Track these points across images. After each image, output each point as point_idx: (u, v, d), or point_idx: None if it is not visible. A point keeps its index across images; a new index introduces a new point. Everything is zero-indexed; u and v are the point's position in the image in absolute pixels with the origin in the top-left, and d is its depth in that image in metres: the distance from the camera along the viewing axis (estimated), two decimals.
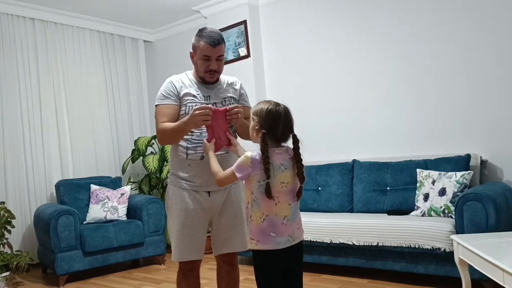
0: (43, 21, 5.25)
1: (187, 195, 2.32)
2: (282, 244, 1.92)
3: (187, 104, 2.34)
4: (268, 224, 1.91)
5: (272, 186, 1.88)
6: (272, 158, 1.89)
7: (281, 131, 1.93)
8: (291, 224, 1.95)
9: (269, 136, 1.92)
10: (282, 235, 1.92)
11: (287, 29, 5.05)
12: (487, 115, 3.81)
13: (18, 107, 4.99)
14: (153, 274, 4.43)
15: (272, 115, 1.93)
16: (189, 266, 2.36)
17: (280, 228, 1.92)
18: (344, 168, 4.29)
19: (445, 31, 4.00)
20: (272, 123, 1.93)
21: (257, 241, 1.92)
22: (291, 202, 1.95)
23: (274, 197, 1.89)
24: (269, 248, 1.91)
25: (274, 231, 1.91)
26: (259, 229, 1.92)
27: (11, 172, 4.86)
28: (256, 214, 1.92)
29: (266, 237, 1.91)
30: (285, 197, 1.93)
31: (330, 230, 3.68)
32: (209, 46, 2.26)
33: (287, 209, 1.93)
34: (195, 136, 2.30)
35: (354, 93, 4.56)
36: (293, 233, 1.96)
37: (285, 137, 1.96)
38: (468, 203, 3.05)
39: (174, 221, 2.35)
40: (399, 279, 3.53)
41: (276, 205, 1.91)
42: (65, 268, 4.17)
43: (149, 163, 5.34)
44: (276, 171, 1.89)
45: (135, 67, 6.27)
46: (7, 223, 4.27)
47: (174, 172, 2.38)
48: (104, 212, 4.69)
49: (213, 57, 2.29)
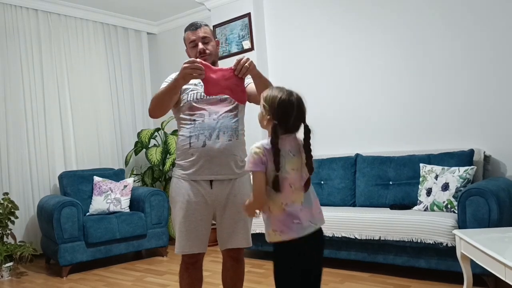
0: (46, 12, 5.24)
1: (189, 187, 2.30)
2: (306, 230, 1.85)
3: (189, 92, 2.36)
4: (291, 211, 1.85)
5: (286, 173, 1.84)
6: (283, 145, 1.84)
7: (293, 122, 1.87)
8: (309, 209, 1.89)
9: (280, 127, 1.85)
10: (304, 221, 1.86)
11: (291, 22, 5.03)
12: (491, 110, 3.79)
13: (21, 99, 4.99)
14: (155, 266, 4.45)
15: (285, 106, 1.85)
16: (191, 260, 2.35)
17: (300, 214, 1.85)
18: (347, 162, 4.29)
19: (449, 25, 3.97)
20: (284, 114, 1.85)
21: (280, 231, 1.84)
22: (304, 188, 1.90)
23: (291, 184, 1.85)
24: (295, 236, 1.83)
25: (297, 218, 1.84)
26: (282, 219, 1.84)
27: (14, 163, 4.88)
28: (276, 204, 1.85)
29: (291, 224, 1.84)
30: (298, 183, 1.88)
31: (333, 224, 3.68)
32: (190, 31, 2.43)
33: (301, 194, 1.88)
34: (198, 124, 2.29)
35: (357, 87, 4.55)
36: (313, 217, 1.89)
37: (297, 127, 1.89)
38: (471, 198, 3.05)
39: (176, 213, 2.34)
40: (401, 273, 3.53)
41: (293, 193, 1.86)
42: (68, 259, 4.19)
43: (152, 155, 5.35)
44: (287, 158, 1.85)
45: (139, 59, 6.27)
46: (11, 214, 4.30)
47: (178, 163, 2.38)
48: (107, 203, 4.71)
49: (197, 40, 2.40)
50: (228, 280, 2.50)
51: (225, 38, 5.28)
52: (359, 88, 4.54)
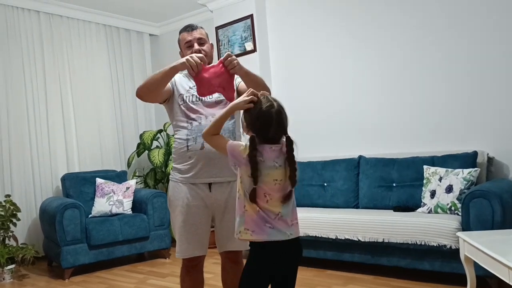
0: (49, 14, 5.24)
1: (188, 191, 2.30)
2: (278, 236, 1.84)
3: (184, 97, 2.36)
4: (264, 215, 1.84)
5: (265, 184, 1.82)
6: (267, 156, 1.82)
7: (272, 133, 1.83)
8: (286, 220, 1.87)
9: (260, 139, 1.84)
10: (278, 227, 1.84)
11: (293, 23, 5.02)
12: (495, 112, 3.77)
13: (23, 101, 4.99)
14: (158, 268, 4.44)
15: (263, 117, 1.83)
16: (192, 263, 2.35)
17: (274, 222, 1.84)
18: (350, 164, 4.27)
19: (452, 28, 3.96)
20: (262, 126, 1.83)
21: (252, 231, 1.84)
22: (284, 200, 1.87)
23: (266, 194, 1.83)
24: (265, 239, 1.83)
25: (269, 223, 1.84)
26: (256, 219, 1.84)
27: (16, 165, 4.88)
28: (252, 206, 1.85)
29: (263, 226, 1.83)
30: (278, 195, 1.85)
31: (336, 226, 3.67)
32: (186, 32, 2.47)
33: (279, 206, 1.86)
34: (195, 126, 2.29)
35: (361, 88, 4.53)
36: (288, 227, 1.87)
37: (278, 138, 1.86)
38: (474, 200, 3.04)
39: (176, 217, 2.34)
40: (404, 275, 3.52)
41: (268, 202, 1.84)
42: (71, 261, 4.19)
43: (155, 157, 5.35)
44: (269, 170, 1.82)
45: (141, 61, 6.26)
46: (13, 216, 4.30)
47: (176, 167, 2.37)
48: (110, 205, 4.70)
49: (193, 40, 2.44)
50: (228, 282, 2.50)
51: (227, 39, 5.28)
52: (362, 89, 4.52)
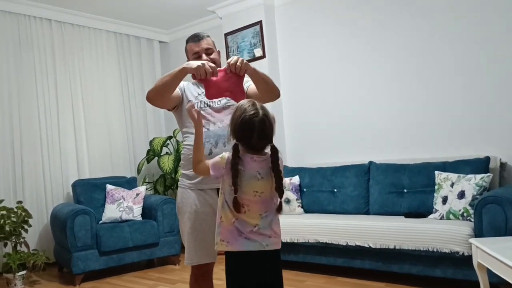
0: (60, 22, 5.30)
1: (196, 197, 2.29)
2: (252, 246, 1.82)
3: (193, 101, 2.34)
4: (239, 226, 1.83)
5: (243, 194, 1.80)
6: (248, 166, 1.81)
7: (255, 141, 1.82)
8: (264, 231, 1.85)
9: (244, 147, 1.83)
10: (253, 239, 1.83)
11: (302, 29, 5.02)
12: (507, 117, 3.74)
13: (35, 108, 5.04)
14: (167, 274, 4.44)
15: (245, 125, 1.80)
16: (200, 270, 2.34)
17: (250, 233, 1.83)
18: (360, 170, 4.25)
19: (463, 32, 3.93)
20: (244, 134, 1.81)
21: (227, 242, 1.84)
22: (263, 213, 1.85)
23: (244, 205, 1.82)
24: (239, 248, 1.82)
25: (244, 234, 1.82)
26: (229, 231, 1.84)
27: (28, 172, 4.91)
28: (228, 216, 1.84)
29: (237, 237, 1.82)
30: (257, 207, 1.84)
31: (346, 232, 3.64)
32: (193, 43, 2.44)
33: (257, 218, 1.84)
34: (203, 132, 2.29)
35: (371, 94, 4.52)
36: (265, 239, 1.84)
37: (261, 147, 1.85)
38: (487, 206, 3.00)
39: (184, 224, 2.34)
40: (416, 282, 3.48)
41: (245, 213, 1.82)
42: (81, 267, 4.20)
43: (164, 163, 5.36)
44: (250, 180, 1.80)
45: (151, 68, 6.30)
46: (24, 222, 4.32)
47: (184, 173, 2.37)
48: (120, 212, 4.72)
49: (201, 51, 2.42)
50: None
51: (236, 45, 5.29)
52: (372, 95, 4.51)
